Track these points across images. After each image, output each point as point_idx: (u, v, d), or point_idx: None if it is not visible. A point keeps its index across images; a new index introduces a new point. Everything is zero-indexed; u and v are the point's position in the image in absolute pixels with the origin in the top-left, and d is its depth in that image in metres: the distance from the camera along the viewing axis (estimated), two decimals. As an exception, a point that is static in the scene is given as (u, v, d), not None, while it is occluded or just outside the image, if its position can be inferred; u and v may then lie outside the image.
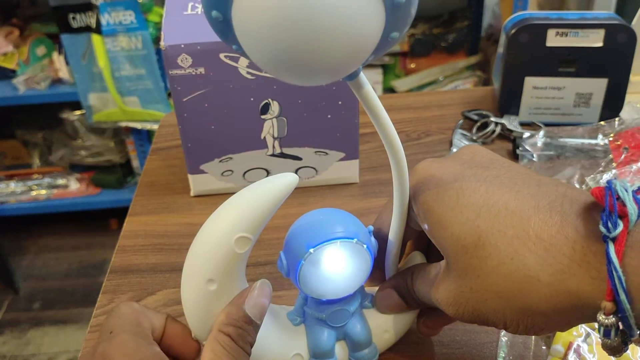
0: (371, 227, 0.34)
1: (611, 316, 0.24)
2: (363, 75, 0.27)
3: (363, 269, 0.33)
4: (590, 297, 0.25)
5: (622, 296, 0.23)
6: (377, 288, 0.38)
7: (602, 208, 0.25)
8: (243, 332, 0.30)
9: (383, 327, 0.37)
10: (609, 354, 0.26)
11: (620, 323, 0.24)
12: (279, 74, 0.23)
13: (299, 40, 0.21)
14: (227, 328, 0.30)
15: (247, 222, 0.29)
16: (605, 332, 0.25)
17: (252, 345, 0.30)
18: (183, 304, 0.32)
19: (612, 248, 0.23)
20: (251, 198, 0.30)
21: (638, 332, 0.24)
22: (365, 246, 0.32)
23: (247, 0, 0.21)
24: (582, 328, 0.37)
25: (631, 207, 0.24)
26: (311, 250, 0.31)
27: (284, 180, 0.30)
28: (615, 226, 0.24)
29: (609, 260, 0.23)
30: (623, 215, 0.24)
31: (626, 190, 0.25)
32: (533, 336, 0.38)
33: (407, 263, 0.39)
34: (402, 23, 0.23)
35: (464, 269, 0.28)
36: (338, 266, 0.33)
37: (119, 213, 1.58)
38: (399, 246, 0.35)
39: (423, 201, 0.31)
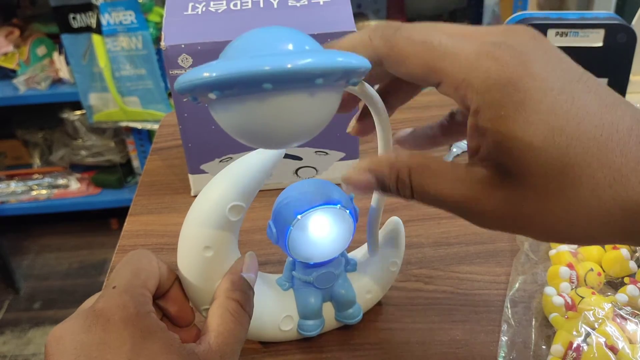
0: (352, 195, 0.37)
1: None
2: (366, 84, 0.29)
3: (346, 232, 0.36)
4: None
5: None
6: (359, 252, 0.41)
7: None
8: (248, 297, 0.32)
9: (366, 288, 0.40)
10: None
11: None
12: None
13: (261, 138, 0.25)
14: (235, 294, 0.31)
15: (239, 192, 0.32)
16: None
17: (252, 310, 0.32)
18: (180, 272, 0.33)
19: None
20: (242, 169, 0.32)
21: None
22: (347, 211, 0.35)
23: (217, 115, 0.27)
24: (583, 328, 0.37)
25: None
26: (299, 216, 0.34)
27: (272, 152, 0.32)
28: None
29: None
30: None
31: None
32: (533, 336, 0.38)
33: (387, 227, 0.41)
34: None
35: (551, 191, 0.23)
36: (324, 231, 0.35)
37: (120, 213, 1.58)
38: (380, 212, 0.37)
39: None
